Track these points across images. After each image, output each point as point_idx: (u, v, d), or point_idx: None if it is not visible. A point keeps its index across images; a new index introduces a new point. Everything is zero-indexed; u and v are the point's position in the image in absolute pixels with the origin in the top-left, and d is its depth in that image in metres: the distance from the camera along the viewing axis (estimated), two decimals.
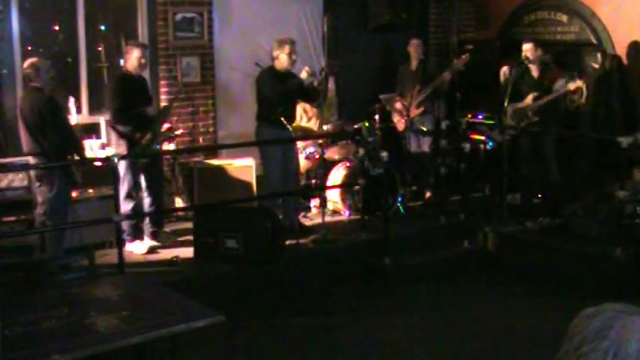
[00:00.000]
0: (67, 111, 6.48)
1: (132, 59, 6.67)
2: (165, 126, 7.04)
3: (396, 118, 8.51)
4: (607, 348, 1.37)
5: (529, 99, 7.69)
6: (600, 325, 1.39)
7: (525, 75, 7.79)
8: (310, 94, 7.31)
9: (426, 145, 8.49)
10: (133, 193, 6.70)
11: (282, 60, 7.07)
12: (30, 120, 6.02)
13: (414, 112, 8.32)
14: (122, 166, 6.58)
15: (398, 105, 8.41)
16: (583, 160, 8.36)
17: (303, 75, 7.05)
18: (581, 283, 6.37)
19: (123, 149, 6.61)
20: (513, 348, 5.44)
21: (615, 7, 8.49)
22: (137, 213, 6.74)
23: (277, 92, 6.99)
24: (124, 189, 6.61)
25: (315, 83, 7.21)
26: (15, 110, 6.46)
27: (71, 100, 6.71)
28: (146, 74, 7.18)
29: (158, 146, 6.95)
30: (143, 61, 6.75)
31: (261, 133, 7.22)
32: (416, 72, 8.46)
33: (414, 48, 8.49)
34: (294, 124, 7.34)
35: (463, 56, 8.26)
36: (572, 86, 7.56)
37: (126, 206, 6.63)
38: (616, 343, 1.37)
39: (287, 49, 7.05)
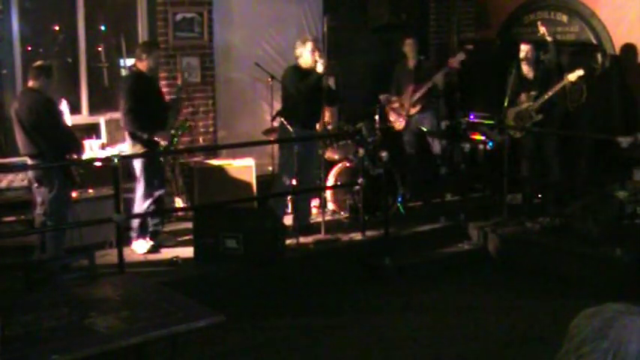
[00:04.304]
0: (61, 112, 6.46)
1: (152, 60, 6.63)
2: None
3: (393, 117, 8.49)
4: (607, 348, 1.37)
5: (523, 98, 7.68)
6: (600, 325, 1.39)
7: (522, 76, 7.78)
8: (330, 95, 7.38)
9: (436, 145, 8.45)
10: (147, 193, 6.69)
11: (305, 57, 7.14)
12: (27, 121, 5.99)
13: (412, 110, 8.32)
14: (138, 166, 6.60)
15: (395, 105, 8.41)
16: (583, 160, 8.36)
17: (319, 67, 7.08)
18: (581, 283, 6.38)
19: (139, 149, 6.59)
20: (513, 348, 5.44)
21: (615, 7, 8.48)
22: (138, 213, 6.73)
23: (299, 89, 7.07)
24: (140, 188, 6.62)
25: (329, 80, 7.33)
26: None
27: (63, 102, 6.68)
28: None
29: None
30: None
31: (282, 131, 7.28)
32: (413, 71, 8.46)
33: (409, 47, 8.49)
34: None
35: (458, 54, 8.20)
36: (572, 77, 7.54)
37: (141, 205, 6.64)
38: (616, 343, 1.37)
39: (309, 46, 7.13)
